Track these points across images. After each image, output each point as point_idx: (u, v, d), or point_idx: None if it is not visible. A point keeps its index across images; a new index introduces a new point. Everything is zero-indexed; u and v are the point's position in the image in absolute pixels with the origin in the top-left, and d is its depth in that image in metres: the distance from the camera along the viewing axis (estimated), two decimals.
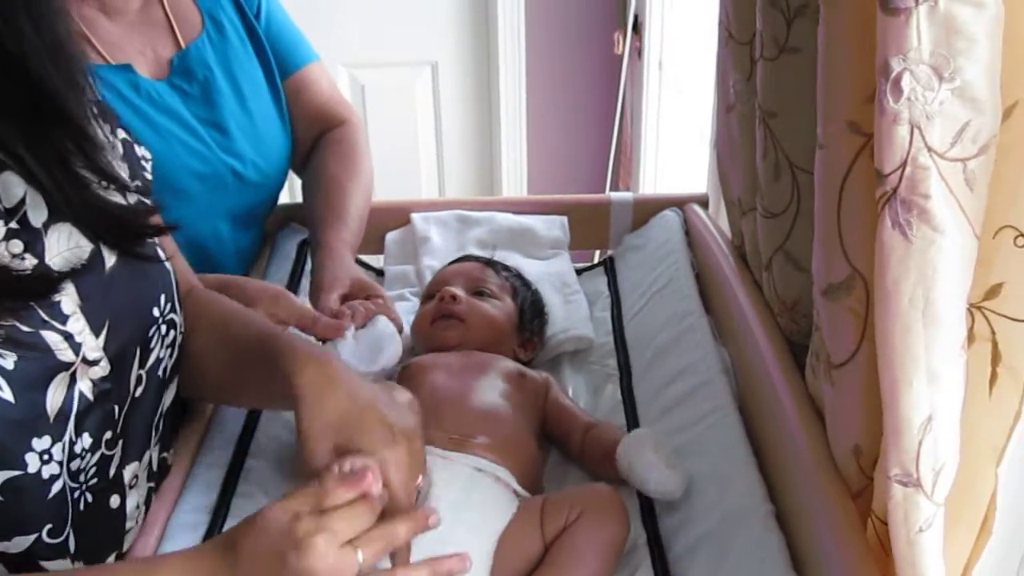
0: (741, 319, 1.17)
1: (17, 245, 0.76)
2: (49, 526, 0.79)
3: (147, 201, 0.90)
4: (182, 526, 0.96)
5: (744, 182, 1.13)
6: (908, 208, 0.60)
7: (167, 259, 0.92)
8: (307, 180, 1.44)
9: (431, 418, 1.03)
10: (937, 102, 0.57)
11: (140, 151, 0.94)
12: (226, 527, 0.96)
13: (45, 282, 0.78)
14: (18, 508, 0.77)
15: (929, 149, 0.58)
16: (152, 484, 0.94)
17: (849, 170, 0.71)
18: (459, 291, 1.27)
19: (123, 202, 0.85)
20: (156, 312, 0.89)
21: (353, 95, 2.66)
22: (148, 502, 0.93)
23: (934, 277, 0.61)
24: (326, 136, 1.46)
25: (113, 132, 0.90)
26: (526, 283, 1.36)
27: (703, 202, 1.50)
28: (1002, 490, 0.78)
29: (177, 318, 0.93)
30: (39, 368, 0.77)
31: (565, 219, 1.53)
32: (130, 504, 0.89)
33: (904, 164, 0.59)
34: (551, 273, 1.44)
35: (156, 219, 0.91)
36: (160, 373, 0.91)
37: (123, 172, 0.89)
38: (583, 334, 1.35)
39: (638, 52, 2.39)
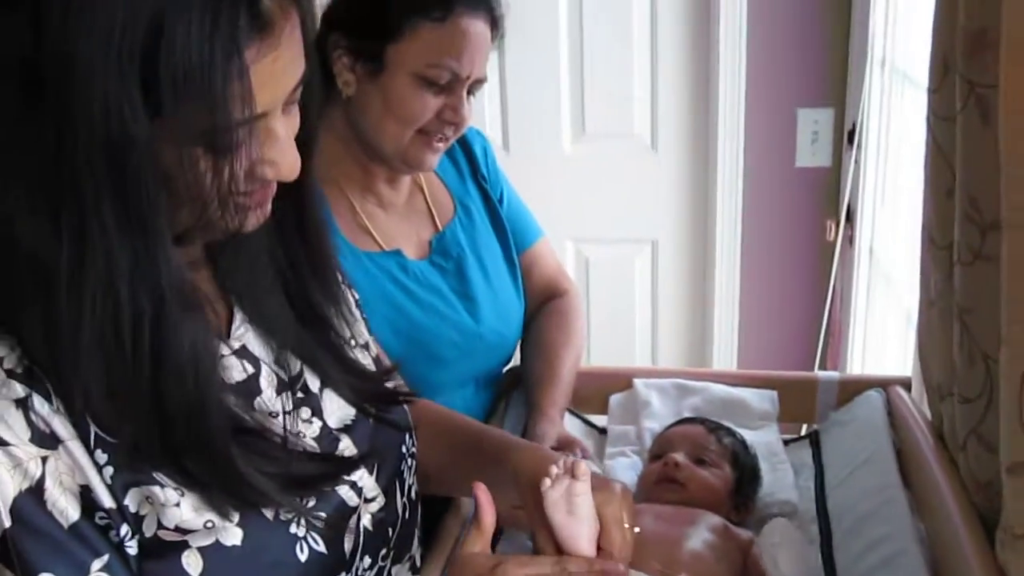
0: (937, 494, 1.26)
1: (306, 412, 0.96)
2: None
3: (385, 362, 1.11)
4: None
5: (943, 369, 1.25)
6: None
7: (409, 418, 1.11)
8: (527, 342, 1.64)
9: (642, 551, 1.18)
10: None
11: (354, 294, 1.14)
12: None
13: (350, 463, 0.98)
14: None
15: None
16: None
17: None
18: (682, 458, 1.41)
19: (368, 366, 1.06)
20: (404, 449, 1.07)
21: (577, 267, 2.87)
22: None
23: None
24: (549, 304, 1.66)
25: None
26: (747, 448, 1.48)
27: (906, 384, 1.59)
28: None
29: (415, 449, 1.11)
30: (338, 518, 0.94)
31: (775, 393, 1.65)
32: None
33: None
34: (760, 443, 1.55)
35: (400, 383, 1.12)
36: (414, 496, 1.09)
37: (362, 332, 1.11)
38: (788, 499, 1.46)
39: (850, 240, 2.50)
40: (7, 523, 0.74)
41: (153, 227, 0.73)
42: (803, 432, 1.69)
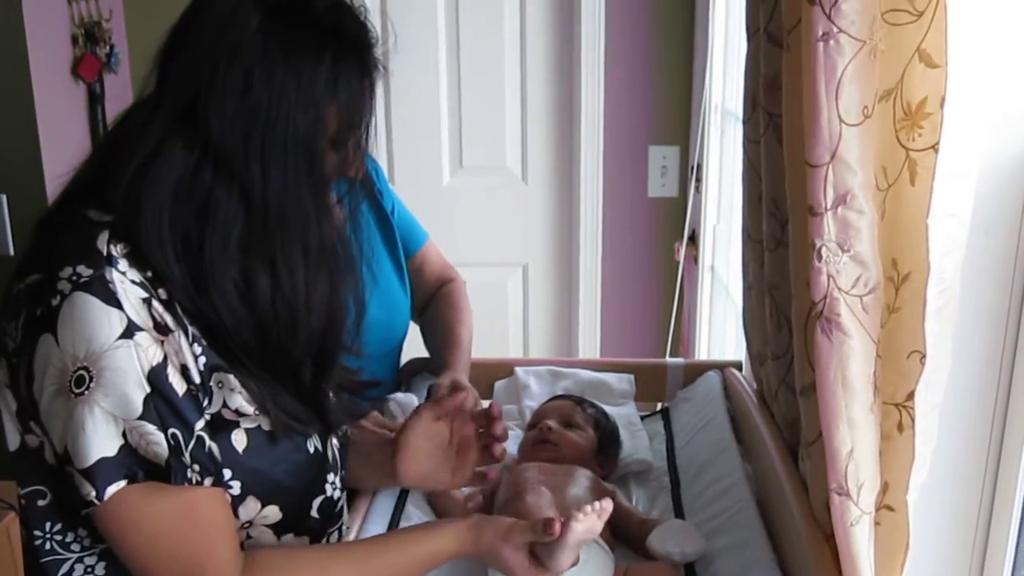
0: (760, 440, 1.57)
1: None
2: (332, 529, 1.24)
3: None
4: None
5: (760, 339, 1.59)
6: (829, 322, 1.05)
7: None
8: (426, 324, 1.93)
9: (536, 495, 1.47)
10: (842, 263, 1.03)
11: None
12: None
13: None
14: (324, 522, 1.21)
15: (839, 288, 1.04)
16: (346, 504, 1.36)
17: (809, 312, 1.17)
18: (554, 423, 1.67)
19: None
20: None
21: None
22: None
23: (847, 363, 1.06)
24: (439, 292, 1.95)
25: None
26: (607, 416, 1.75)
27: (738, 366, 1.94)
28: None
29: None
30: (324, 431, 1.22)
31: (632, 376, 1.96)
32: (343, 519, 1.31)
33: (826, 296, 1.04)
34: (620, 415, 1.84)
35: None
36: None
37: None
38: (644, 458, 1.75)
39: (694, 259, 2.80)
40: (148, 389, 0.99)
41: (326, 187, 1.13)
42: (657, 409, 2.00)
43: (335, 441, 1.26)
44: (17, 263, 1.07)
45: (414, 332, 1.98)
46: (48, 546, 1.10)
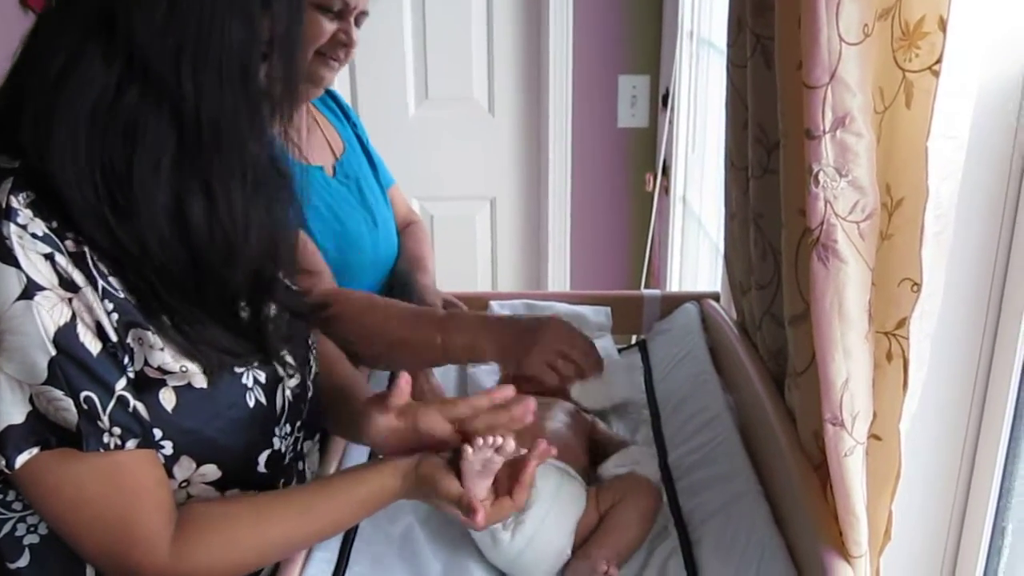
0: (742, 370, 1.56)
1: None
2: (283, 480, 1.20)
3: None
4: None
5: (743, 269, 1.56)
6: (825, 249, 1.02)
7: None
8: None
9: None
10: (839, 188, 1.00)
11: None
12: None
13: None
14: (274, 475, 1.16)
15: (836, 215, 1.01)
16: (319, 454, 1.33)
17: (801, 237, 1.14)
18: None
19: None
20: (310, 340, 1.28)
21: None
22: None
23: (843, 290, 1.03)
24: (406, 230, 1.96)
25: None
26: None
27: (715, 297, 1.92)
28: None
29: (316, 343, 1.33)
30: (272, 380, 1.15)
31: (609, 309, 1.94)
32: (309, 468, 1.28)
33: (822, 223, 1.01)
34: (598, 348, 1.84)
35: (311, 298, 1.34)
36: (313, 382, 1.28)
37: None
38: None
39: (665, 190, 2.79)
40: (53, 352, 0.93)
41: (261, 103, 1.05)
42: (633, 341, 1.99)
43: (288, 393, 1.19)
44: None
45: None
46: None
